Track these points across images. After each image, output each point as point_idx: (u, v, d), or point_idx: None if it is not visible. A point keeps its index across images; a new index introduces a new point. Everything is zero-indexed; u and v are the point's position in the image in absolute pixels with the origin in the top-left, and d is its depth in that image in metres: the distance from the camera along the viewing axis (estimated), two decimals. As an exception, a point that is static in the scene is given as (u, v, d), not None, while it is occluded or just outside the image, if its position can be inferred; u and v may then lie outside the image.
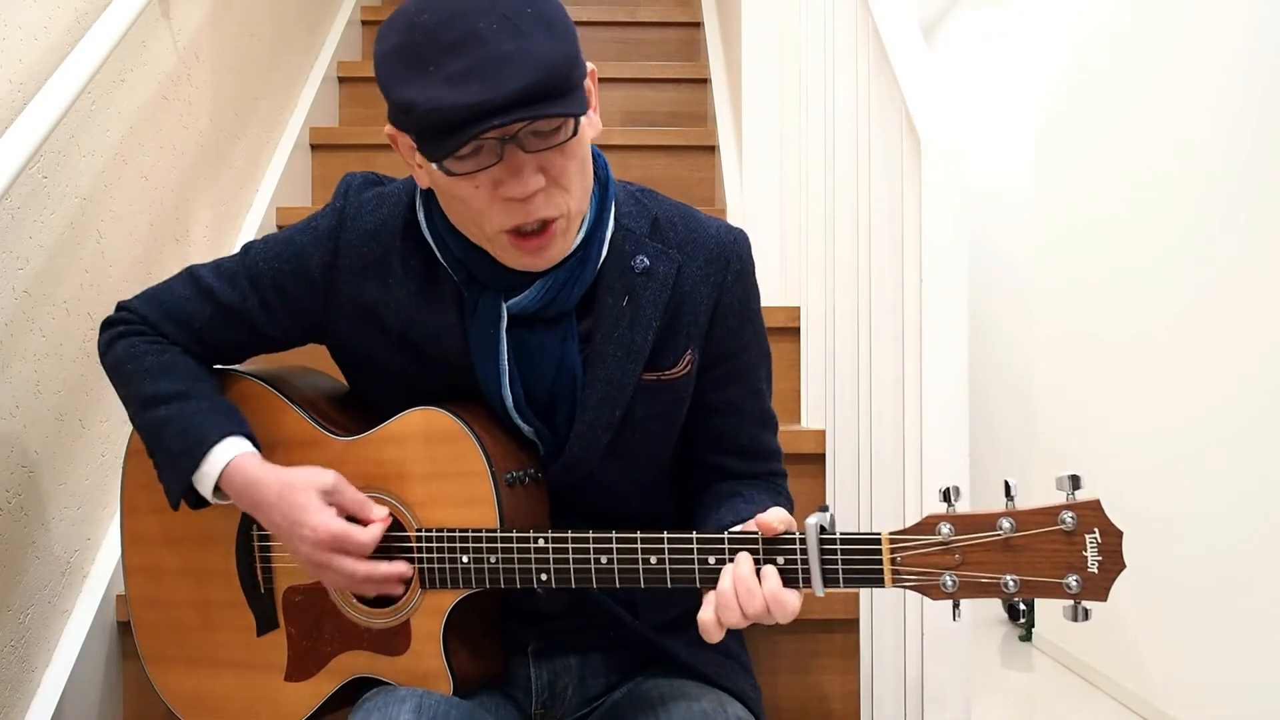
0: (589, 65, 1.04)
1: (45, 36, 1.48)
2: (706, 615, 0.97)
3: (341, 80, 3.03)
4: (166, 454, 1.12)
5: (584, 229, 1.08)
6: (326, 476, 1.07)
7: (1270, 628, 2.21)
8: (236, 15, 2.25)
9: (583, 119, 0.98)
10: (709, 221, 1.15)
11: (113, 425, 1.63)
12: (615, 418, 1.10)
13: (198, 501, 1.12)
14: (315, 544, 1.04)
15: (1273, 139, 2.21)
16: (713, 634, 0.97)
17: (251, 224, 2.30)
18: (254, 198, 2.36)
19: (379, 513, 1.07)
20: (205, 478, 1.09)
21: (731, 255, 1.14)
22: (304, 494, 1.05)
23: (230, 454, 1.09)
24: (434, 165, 0.96)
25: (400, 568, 1.06)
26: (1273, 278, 2.21)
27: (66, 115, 1.43)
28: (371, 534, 1.05)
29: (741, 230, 1.17)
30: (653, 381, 1.12)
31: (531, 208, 0.98)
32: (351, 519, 1.07)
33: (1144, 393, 2.68)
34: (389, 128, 1.03)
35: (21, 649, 1.40)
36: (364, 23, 3.35)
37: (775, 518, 0.98)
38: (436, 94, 0.91)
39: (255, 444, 1.12)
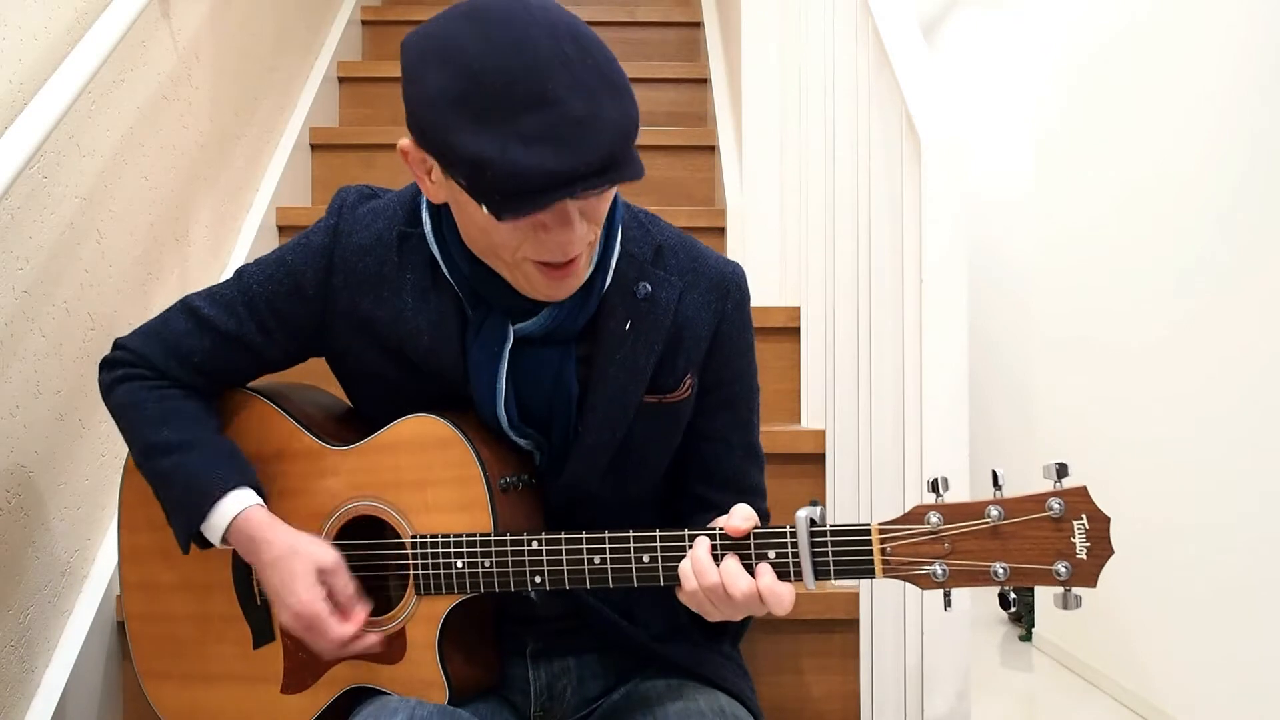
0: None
1: (45, 36, 1.48)
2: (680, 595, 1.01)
3: (341, 80, 3.03)
4: (173, 503, 1.13)
5: (595, 256, 1.08)
6: (328, 556, 1.08)
7: (1268, 629, 2.21)
8: (236, 15, 2.25)
9: None
10: (709, 252, 1.17)
11: (113, 426, 1.62)
12: (616, 438, 1.11)
13: (205, 544, 1.13)
14: (294, 615, 1.07)
15: (1275, 141, 2.21)
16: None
17: (251, 224, 2.30)
18: (254, 198, 2.37)
19: (360, 611, 1.08)
20: (213, 529, 1.10)
21: (731, 285, 1.16)
22: (303, 564, 1.07)
23: (237, 508, 1.10)
24: (485, 209, 0.94)
25: (369, 640, 1.09)
26: (1275, 282, 2.21)
27: (66, 115, 1.43)
28: (346, 631, 1.07)
29: (739, 265, 1.18)
30: (654, 404, 1.12)
31: (569, 248, 0.98)
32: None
33: (1144, 395, 2.68)
34: (406, 142, 1.01)
35: (21, 649, 1.40)
36: (364, 23, 3.35)
37: (740, 517, 0.99)
38: (514, 155, 0.88)
39: (260, 491, 1.13)
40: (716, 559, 0.99)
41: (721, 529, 1.00)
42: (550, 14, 0.93)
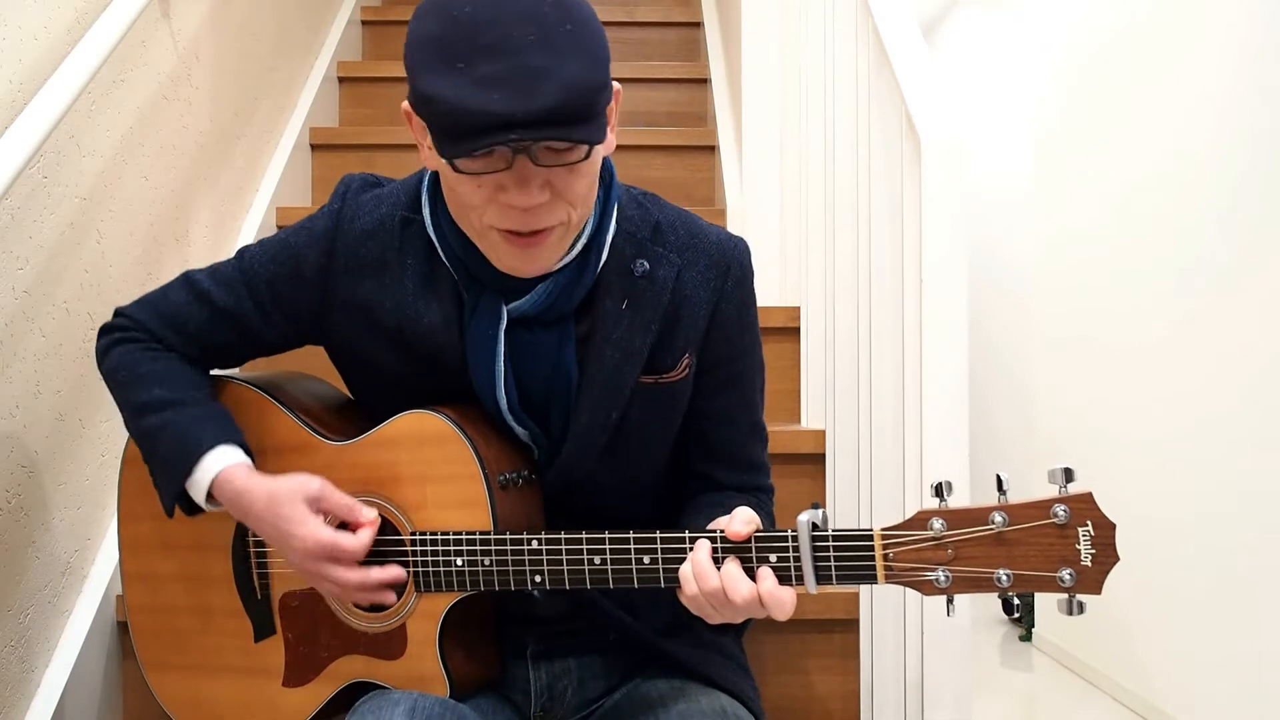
0: (615, 86, 1.04)
1: (45, 36, 1.48)
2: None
3: (341, 80, 3.03)
4: (160, 461, 1.13)
5: (586, 234, 1.08)
6: (311, 484, 1.07)
7: (1268, 629, 2.21)
8: (236, 15, 2.25)
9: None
10: (710, 228, 1.16)
11: (113, 425, 1.63)
12: (612, 420, 1.10)
13: (192, 508, 1.12)
14: (306, 554, 1.05)
15: (1275, 140, 2.21)
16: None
17: (251, 224, 2.30)
18: (254, 198, 2.37)
19: (368, 515, 1.07)
20: (198, 485, 1.10)
21: (732, 261, 1.14)
22: (290, 504, 1.05)
23: (220, 464, 1.09)
24: (443, 159, 0.96)
25: (391, 573, 1.06)
26: (1275, 282, 2.21)
27: (66, 115, 1.43)
28: (360, 540, 1.05)
29: (742, 239, 1.17)
30: (650, 384, 1.12)
31: (530, 218, 0.98)
32: (343, 524, 1.07)
33: (1144, 395, 2.68)
34: (406, 104, 1.02)
35: (21, 649, 1.40)
36: (364, 23, 3.34)
37: (741, 521, 0.98)
38: (462, 94, 0.91)
39: (247, 451, 1.12)
40: (717, 562, 0.98)
41: (722, 531, 0.99)
42: None
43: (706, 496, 1.18)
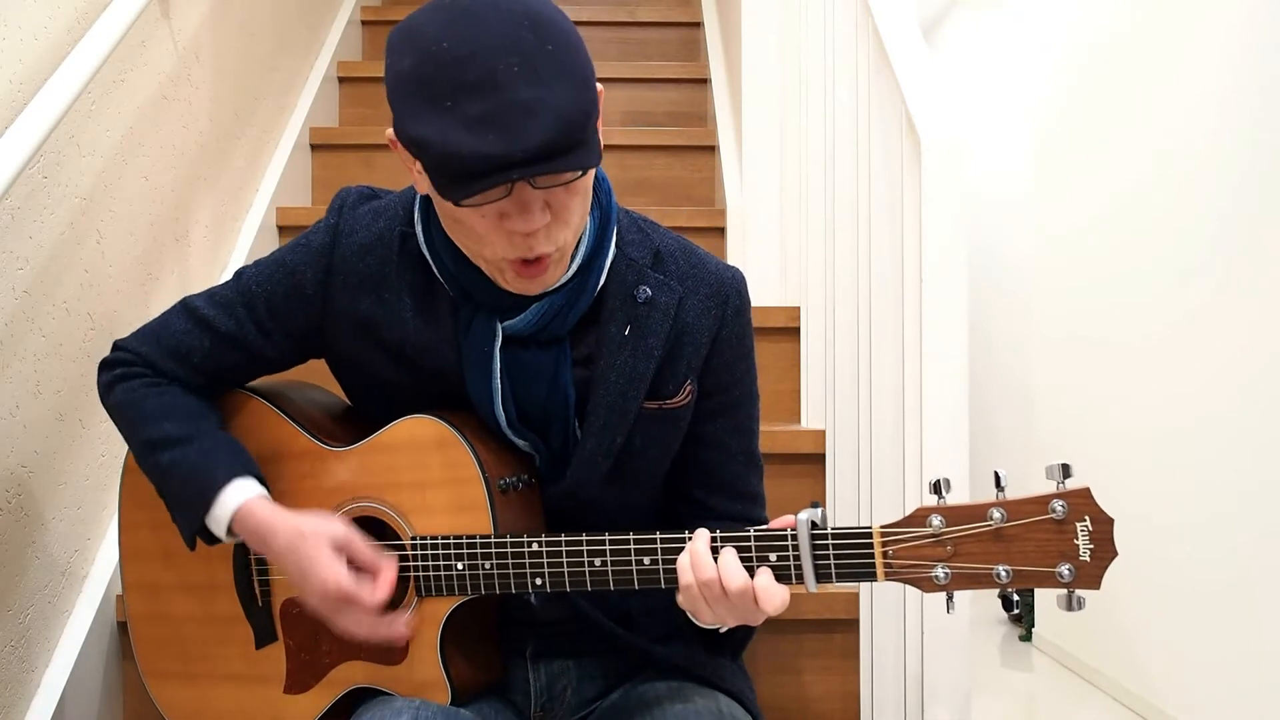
0: (597, 87, 1.04)
1: (45, 36, 1.48)
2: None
3: (341, 80, 3.03)
4: (175, 498, 1.12)
5: (581, 255, 1.08)
6: (338, 529, 1.06)
7: (1268, 629, 2.21)
8: (236, 15, 2.25)
9: None
10: (709, 257, 1.17)
11: (113, 425, 1.63)
12: (617, 444, 1.11)
13: (212, 539, 1.12)
14: (324, 596, 1.04)
15: (1275, 140, 2.21)
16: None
17: (251, 224, 2.30)
18: (254, 198, 2.36)
19: (387, 567, 1.06)
20: (217, 520, 1.09)
21: (731, 291, 1.15)
22: (315, 545, 1.05)
23: (240, 498, 1.08)
24: (440, 196, 0.96)
25: (398, 630, 1.06)
26: (1275, 282, 2.21)
27: (66, 115, 1.43)
28: (379, 595, 1.05)
29: (739, 270, 1.18)
30: (654, 410, 1.12)
31: (534, 242, 0.98)
32: (362, 567, 1.07)
33: (1145, 395, 2.68)
34: (391, 132, 1.02)
35: (21, 649, 1.40)
36: (364, 23, 3.34)
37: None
38: (454, 138, 0.89)
39: (262, 481, 1.12)
40: (716, 555, 0.98)
41: (719, 530, 1.00)
42: (518, 1, 0.93)
43: (702, 524, 1.17)
